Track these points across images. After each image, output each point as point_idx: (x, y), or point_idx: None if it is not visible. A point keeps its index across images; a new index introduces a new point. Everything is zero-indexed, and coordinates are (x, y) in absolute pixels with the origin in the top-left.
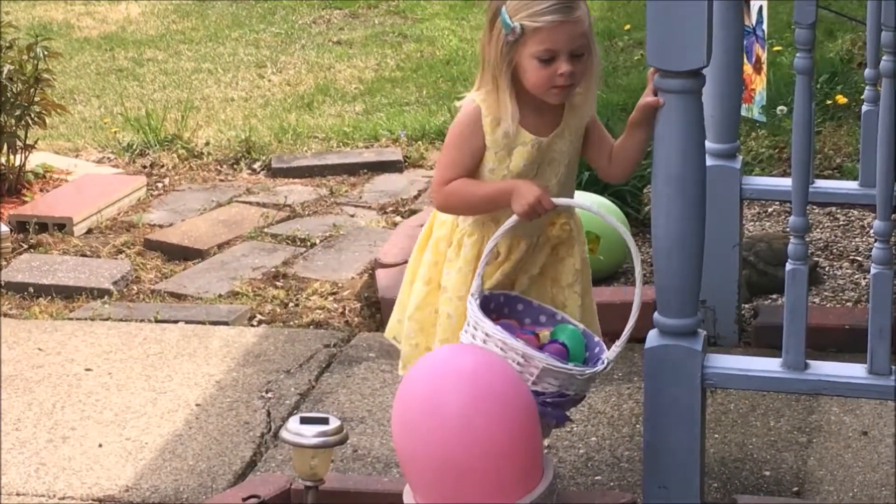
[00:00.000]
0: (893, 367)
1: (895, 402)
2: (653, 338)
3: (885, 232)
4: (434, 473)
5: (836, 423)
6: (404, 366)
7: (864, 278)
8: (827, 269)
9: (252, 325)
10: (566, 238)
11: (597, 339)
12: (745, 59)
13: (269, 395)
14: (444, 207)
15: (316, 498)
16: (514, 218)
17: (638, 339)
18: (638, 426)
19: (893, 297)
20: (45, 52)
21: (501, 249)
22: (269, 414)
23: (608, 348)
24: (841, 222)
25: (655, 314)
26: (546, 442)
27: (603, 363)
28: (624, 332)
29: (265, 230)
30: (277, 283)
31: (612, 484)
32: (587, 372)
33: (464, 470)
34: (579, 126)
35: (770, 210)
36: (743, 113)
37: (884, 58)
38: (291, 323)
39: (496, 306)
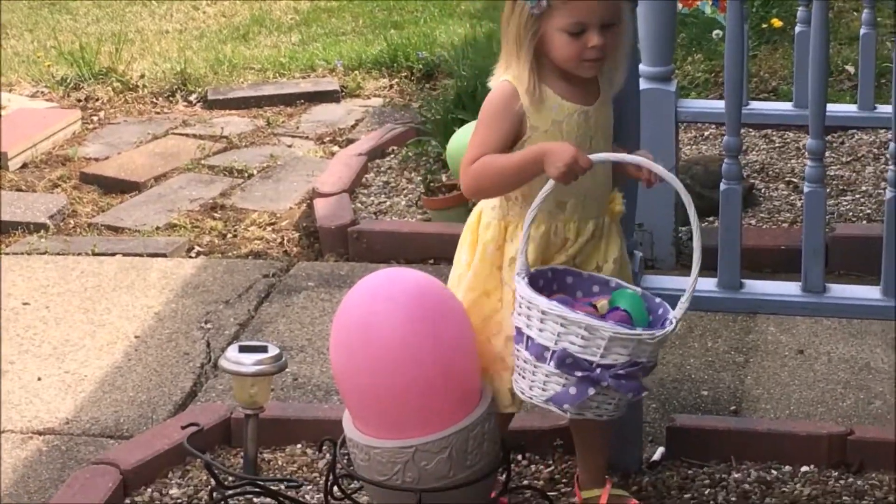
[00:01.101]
0: (827, 285)
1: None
2: None
3: (818, 150)
4: (372, 398)
5: (773, 342)
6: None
7: (800, 199)
8: (763, 190)
9: (190, 257)
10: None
11: (658, 299)
12: None
13: (209, 325)
14: (472, 188)
15: (256, 426)
16: (550, 184)
17: None
18: None
19: (827, 216)
20: None
21: (570, 234)
22: (208, 344)
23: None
24: (777, 144)
25: None
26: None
27: (671, 322)
28: (687, 290)
29: (202, 162)
30: (215, 215)
31: None
32: (657, 335)
33: (401, 394)
34: (613, 93)
35: (707, 133)
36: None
37: None
38: (230, 254)
39: (545, 283)
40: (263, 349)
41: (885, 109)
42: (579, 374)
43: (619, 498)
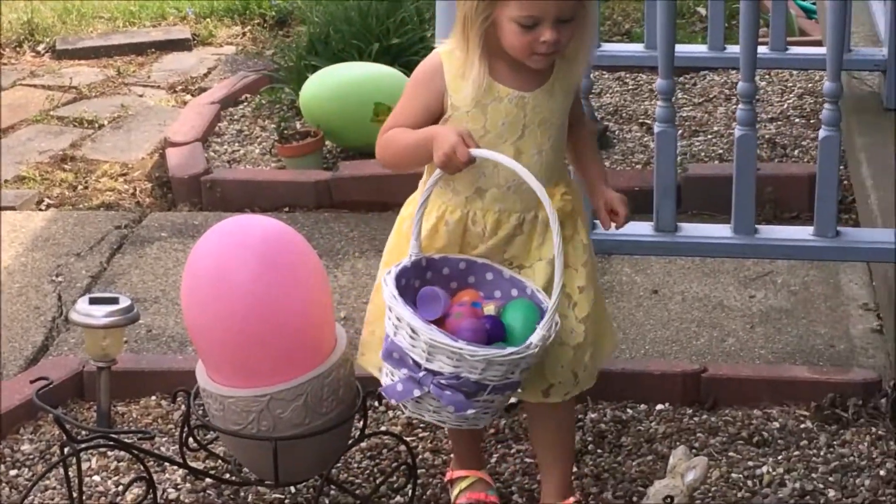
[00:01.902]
0: (679, 224)
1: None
2: None
3: (668, 90)
4: (224, 347)
5: (628, 283)
6: (362, 353)
7: (654, 140)
8: (617, 132)
9: (40, 210)
10: (570, 211)
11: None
12: None
13: (60, 278)
14: (381, 158)
15: (108, 378)
16: (437, 171)
17: None
18: None
19: (680, 156)
20: None
21: (488, 224)
22: (59, 298)
23: None
24: (630, 86)
25: None
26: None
27: (531, 344)
28: (549, 310)
29: (51, 113)
30: (65, 166)
31: None
32: (479, 354)
33: (254, 342)
34: (571, 82)
35: None
36: None
37: None
38: (81, 205)
39: (452, 273)
40: (114, 301)
41: (734, 49)
42: (405, 371)
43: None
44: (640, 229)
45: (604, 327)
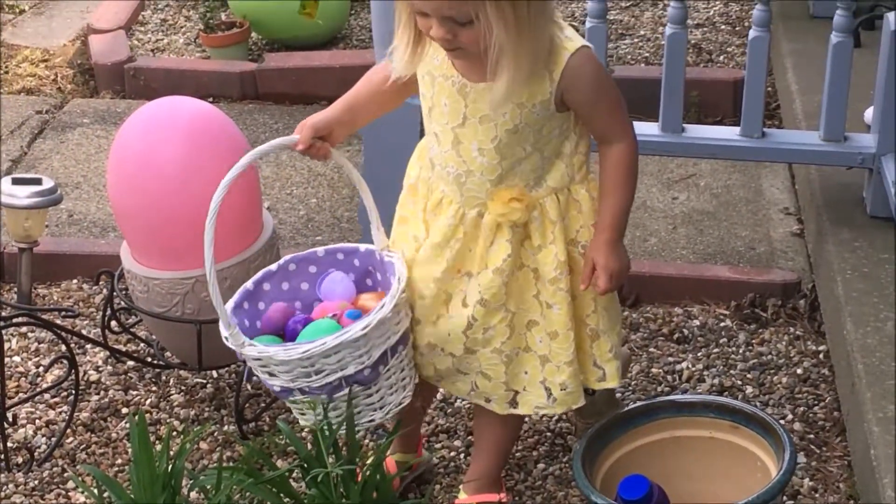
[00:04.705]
0: None
1: None
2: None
3: None
4: (151, 228)
5: None
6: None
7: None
8: None
9: None
10: (533, 221)
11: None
12: None
13: None
14: None
15: (30, 260)
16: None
17: None
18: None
19: (606, 58)
20: None
21: (431, 201)
22: None
23: None
24: None
25: None
26: None
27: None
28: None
29: None
30: None
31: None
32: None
33: (180, 224)
34: (525, 96)
35: None
36: None
37: None
38: (1, 90)
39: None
40: (38, 181)
41: None
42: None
43: None
44: None
45: (586, 356)
